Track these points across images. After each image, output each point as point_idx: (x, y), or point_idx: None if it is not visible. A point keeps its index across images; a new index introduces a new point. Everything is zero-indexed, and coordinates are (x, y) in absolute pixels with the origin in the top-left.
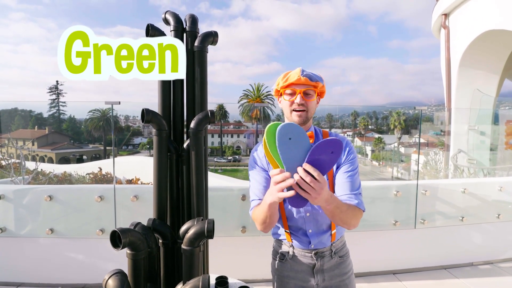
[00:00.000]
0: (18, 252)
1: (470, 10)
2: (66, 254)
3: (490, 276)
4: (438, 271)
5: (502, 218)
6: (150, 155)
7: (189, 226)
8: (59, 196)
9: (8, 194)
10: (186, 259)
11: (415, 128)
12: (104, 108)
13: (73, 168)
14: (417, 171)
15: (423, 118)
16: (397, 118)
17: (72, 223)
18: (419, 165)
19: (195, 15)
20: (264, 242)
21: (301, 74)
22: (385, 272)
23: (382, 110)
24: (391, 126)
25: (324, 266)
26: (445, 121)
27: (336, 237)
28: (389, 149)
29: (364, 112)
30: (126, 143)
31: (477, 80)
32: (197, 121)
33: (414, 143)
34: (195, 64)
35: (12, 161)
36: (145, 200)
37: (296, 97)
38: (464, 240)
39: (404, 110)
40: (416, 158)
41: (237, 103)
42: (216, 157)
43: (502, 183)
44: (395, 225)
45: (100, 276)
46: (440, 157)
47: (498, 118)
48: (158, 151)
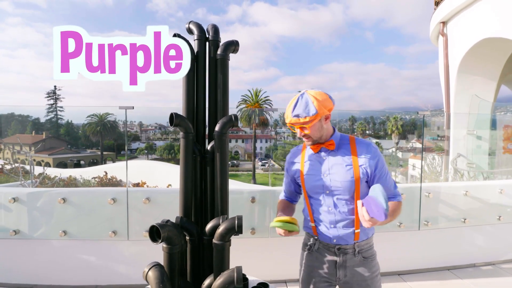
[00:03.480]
0: (30, 254)
1: (467, 18)
2: (78, 256)
3: (492, 277)
4: (442, 272)
5: (502, 220)
6: (152, 159)
7: (216, 224)
8: (72, 199)
9: (22, 197)
10: (218, 253)
11: (412, 133)
12: (101, 113)
13: (78, 172)
14: (421, 174)
15: (419, 123)
16: (394, 123)
17: (85, 225)
18: (418, 169)
19: (216, 26)
20: (273, 243)
21: (292, 115)
22: (390, 273)
23: (380, 115)
24: (389, 131)
25: (346, 263)
26: (444, 126)
27: (360, 237)
28: (387, 154)
29: (362, 117)
30: (123, 148)
31: (475, 86)
32: (222, 125)
33: (412, 148)
34: (217, 71)
35: (15, 165)
36: (157, 203)
37: (297, 132)
38: (466, 242)
39: (401, 115)
40: (413, 163)
41: (235, 107)
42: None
43: (503, 185)
44: (399, 226)
45: (111, 278)
46: (438, 161)
47: (496, 123)
48: (184, 153)
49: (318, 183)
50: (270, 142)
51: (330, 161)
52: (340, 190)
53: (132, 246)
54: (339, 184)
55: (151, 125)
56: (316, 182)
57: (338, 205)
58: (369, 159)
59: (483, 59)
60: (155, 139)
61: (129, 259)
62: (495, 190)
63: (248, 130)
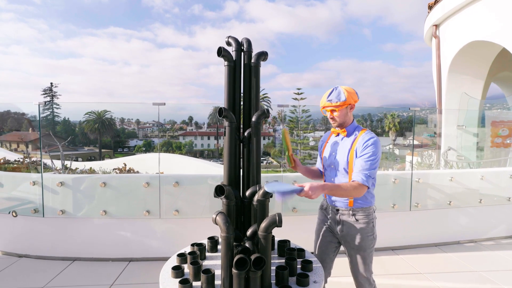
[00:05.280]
0: (74, 231)
1: (457, 22)
2: (116, 232)
3: (474, 251)
4: (430, 247)
5: (483, 203)
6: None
7: (254, 190)
8: (111, 183)
9: (68, 181)
10: (260, 206)
11: (409, 130)
12: (99, 110)
13: (96, 165)
14: (412, 162)
15: (418, 120)
16: (391, 120)
17: (122, 206)
18: (413, 162)
19: (249, 39)
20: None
21: (327, 100)
22: (385, 248)
23: (377, 113)
24: (386, 128)
25: (343, 221)
26: (437, 122)
27: (355, 205)
28: (385, 151)
29: (359, 115)
30: (122, 145)
31: (464, 85)
32: (257, 116)
33: (409, 145)
34: (251, 75)
35: (33, 159)
36: (185, 186)
37: (327, 114)
38: (451, 222)
39: (398, 113)
40: (410, 159)
41: None
42: (213, 159)
43: (483, 173)
44: (393, 208)
45: (145, 252)
46: (432, 155)
47: (485, 119)
48: (229, 138)
49: (329, 161)
50: (268, 139)
51: (339, 145)
52: (339, 167)
53: (163, 223)
54: (338, 162)
55: (149, 122)
56: (327, 159)
57: (337, 177)
58: (362, 141)
59: (471, 60)
60: (153, 136)
61: (160, 235)
62: (476, 177)
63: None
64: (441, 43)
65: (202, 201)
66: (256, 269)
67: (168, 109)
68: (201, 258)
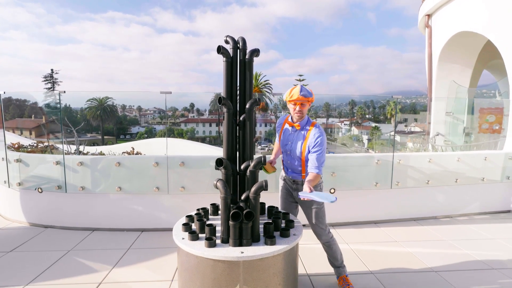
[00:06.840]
0: (93, 205)
1: (448, 12)
2: (129, 206)
3: (449, 225)
4: (409, 221)
5: (459, 182)
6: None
7: (247, 164)
8: (125, 163)
9: (86, 162)
10: (251, 175)
11: (411, 118)
12: (101, 97)
13: (106, 149)
14: (393, 144)
15: (421, 108)
16: (394, 107)
17: (135, 183)
18: (394, 145)
19: (244, 38)
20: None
21: (301, 94)
22: (368, 222)
23: (380, 99)
24: (388, 115)
25: (298, 189)
26: (427, 110)
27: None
28: (385, 138)
29: (362, 101)
30: (124, 132)
31: (453, 73)
32: (251, 104)
33: (409, 132)
34: (245, 69)
35: (46, 144)
36: (190, 166)
37: (296, 107)
38: (429, 199)
39: (400, 100)
40: (410, 146)
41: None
42: (215, 146)
43: (459, 155)
44: (376, 186)
45: (155, 223)
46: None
47: (473, 106)
48: (227, 122)
49: (286, 147)
50: (270, 126)
51: (294, 135)
52: (294, 154)
53: (171, 198)
54: (294, 150)
55: (150, 109)
56: (285, 146)
57: (293, 161)
58: (313, 139)
59: (460, 49)
60: (154, 123)
61: (168, 208)
62: (453, 159)
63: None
64: (433, 32)
65: (205, 180)
66: (247, 221)
67: (169, 96)
68: (205, 218)
